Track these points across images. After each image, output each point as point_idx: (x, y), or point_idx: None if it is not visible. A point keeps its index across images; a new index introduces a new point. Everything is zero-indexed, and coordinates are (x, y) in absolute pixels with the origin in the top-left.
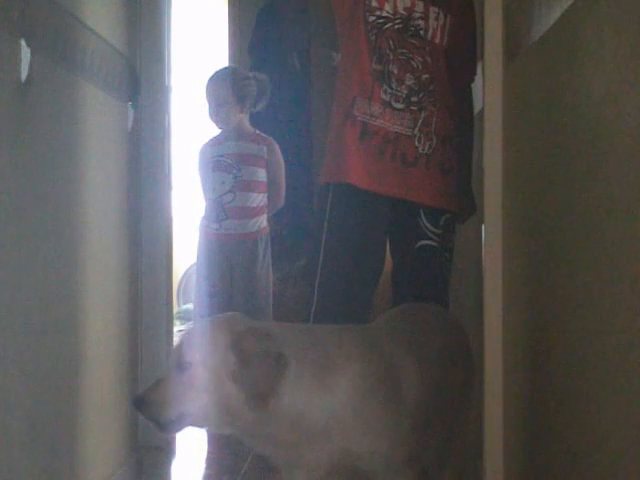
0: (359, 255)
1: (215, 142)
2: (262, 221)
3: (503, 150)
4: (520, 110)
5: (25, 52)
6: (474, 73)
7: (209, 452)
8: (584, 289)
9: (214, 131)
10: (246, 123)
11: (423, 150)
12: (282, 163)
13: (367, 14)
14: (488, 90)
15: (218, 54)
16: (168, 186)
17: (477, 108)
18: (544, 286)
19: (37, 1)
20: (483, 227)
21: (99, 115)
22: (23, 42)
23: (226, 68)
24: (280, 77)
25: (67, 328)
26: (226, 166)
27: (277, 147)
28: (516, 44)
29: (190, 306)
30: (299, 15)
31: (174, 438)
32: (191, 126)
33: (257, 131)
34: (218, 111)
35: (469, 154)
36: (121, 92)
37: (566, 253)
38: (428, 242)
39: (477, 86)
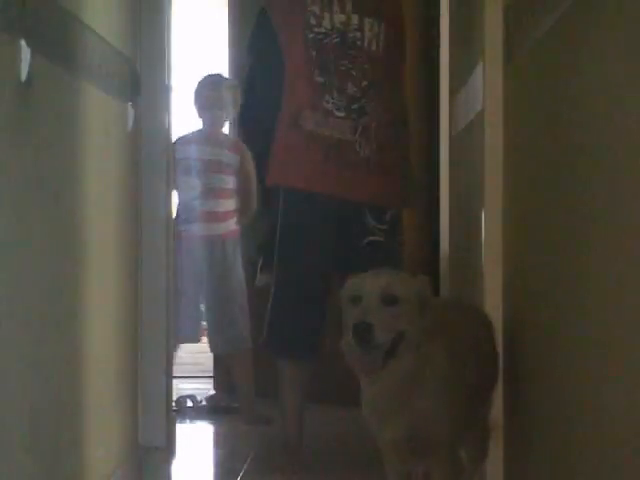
0: (312, 252)
1: (189, 141)
2: (231, 224)
3: (503, 149)
4: (520, 110)
5: (25, 52)
6: (403, 71)
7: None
8: (584, 289)
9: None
10: (224, 129)
11: (364, 154)
12: (254, 171)
13: (307, 31)
14: (488, 90)
15: (218, 54)
16: (168, 186)
17: (477, 108)
18: (544, 286)
19: (37, 1)
20: (483, 225)
21: (99, 115)
22: (23, 42)
23: (218, 75)
24: (280, 77)
25: (67, 328)
26: (197, 172)
27: (249, 155)
28: (516, 44)
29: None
30: None
31: (174, 438)
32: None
33: (231, 137)
34: (205, 114)
35: (406, 146)
36: (121, 92)
37: (566, 251)
38: (375, 238)
39: (477, 86)
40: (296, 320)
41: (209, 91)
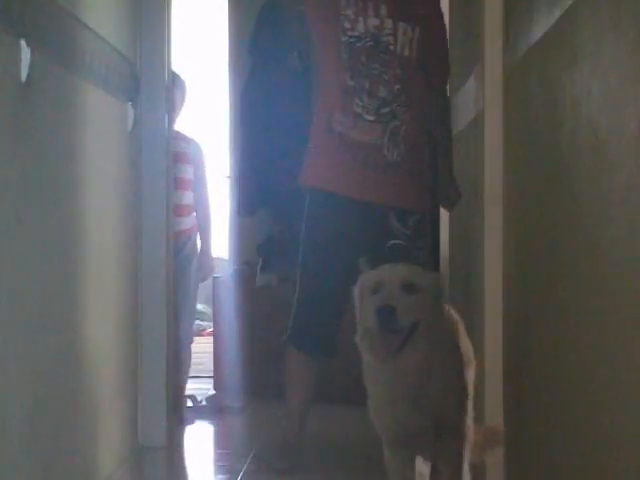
0: (335, 253)
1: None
2: (193, 219)
3: (503, 149)
4: (520, 110)
5: (25, 52)
6: (447, 73)
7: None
8: (585, 289)
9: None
10: None
11: (392, 158)
12: (205, 162)
13: (341, 35)
14: (488, 90)
15: (218, 54)
16: (168, 186)
17: (477, 108)
18: (544, 286)
19: (37, 1)
20: (483, 225)
21: (99, 115)
22: (23, 42)
23: (175, 73)
24: (280, 77)
25: (67, 328)
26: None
27: (201, 146)
28: (516, 44)
29: (200, 306)
30: (299, 15)
31: (174, 438)
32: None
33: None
34: (176, 112)
35: (447, 150)
36: (121, 92)
37: (566, 254)
38: (398, 241)
39: (477, 86)
40: (320, 318)
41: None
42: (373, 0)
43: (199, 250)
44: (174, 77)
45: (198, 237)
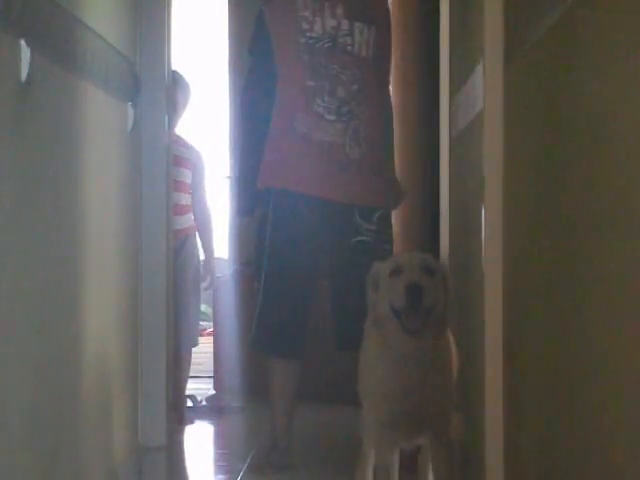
0: (301, 252)
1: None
2: (191, 219)
3: (503, 149)
4: (520, 110)
5: (25, 52)
6: (390, 72)
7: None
8: (585, 289)
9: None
10: None
11: (353, 156)
12: (205, 168)
13: (299, 36)
14: (488, 90)
15: (218, 54)
16: (168, 186)
17: (477, 108)
18: (545, 286)
19: (37, 1)
20: (483, 224)
21: (99, 115)
22: (23, 42)
23: (178, 73)
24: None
25: (67, 328)
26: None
27: (201, 153)
28: (516, 44)
29: (203, 307)
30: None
31: (174, 438)
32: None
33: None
34: (178, 114)
35: (391, 148)
36: (121, 92)
37: (566, 254)
38: (363, 238)
39: (477, 86)
40: (284, 320)
41: (181, 92)
42: (329, 0)
43: (202, 255)
44: (179, 79)
45: (198, 240)
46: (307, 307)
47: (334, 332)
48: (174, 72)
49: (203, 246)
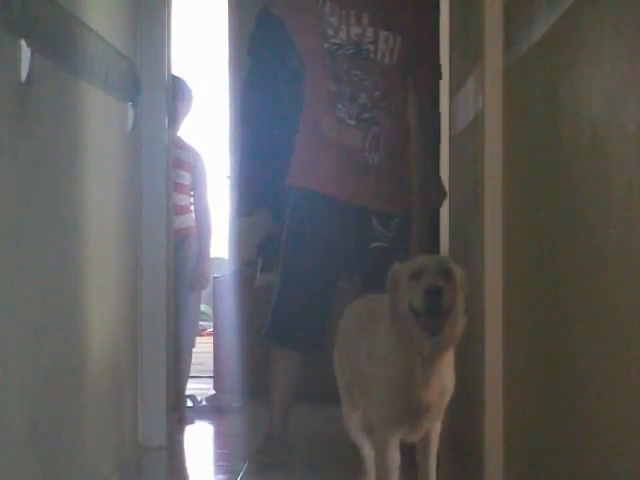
0: (317, 251)
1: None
2: (190, 219)
3: (503, 149)
4: (520, 110)
5: (25, 52)
6: (438, 77)
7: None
8: (585, 289)
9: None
10: None
11: (372, 161)
12: (205, 171)
13: (323, 42)
14: (488, 90)
15: (218, 54)
16: (168, 186)
17: (477, 108)
18: (545, 286)
19: (37, 1)
20: (483, 225)
21: (99, 115)
22: (23, 42)
23: (181, 79)
24: (280, 77)
25: (67, 328)
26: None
27: (200, 155)
28: (516, 44)
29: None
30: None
31: (174, 438)
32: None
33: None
34: (179, 120)
35: (431, 152)
36: (121, 92)
37: (566, 253)
38: (380, 244)
39: (477, 86)
40: (300, 314)
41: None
42: (356, 9)
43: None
44: (181, 85)
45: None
46: (326, 306)
47: None
48: (176, 78)
49: (199, 247)
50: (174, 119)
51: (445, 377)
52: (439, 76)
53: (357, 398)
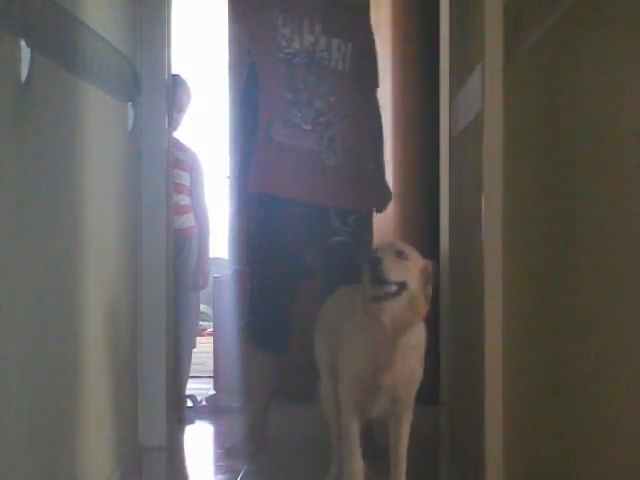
0: (283, 251)
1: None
2: (191, 219)
3: (503, 150)
4: (520, 110)
5: (25, 52)
6: (377, 84)
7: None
8: (585, 289)
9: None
10: None
11: (329, 163)
12: (203, 171)
13: (277, 52)
14: (488, 90)
15: (218, 54)
16: (168, 186)
17: (477, 108)
18: (545, 286)
19: (37, 1)
20: (483, 224)
21: (99, 115)
22: (23, 42)
23: (180, 76)
24: None
25: (67, 328)
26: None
27: (198, 155)
28: (516, 44)
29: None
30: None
31: (174, 438)
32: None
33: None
34: (177, 117)
35: (380, 154)
36: (121, 92)
37: (566, 254)
38: (339, 238)
39: (477, 86)
40: (267, 318)
41: (179, 93)
42: (308, 18)
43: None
44: (180, 82)
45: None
46: (291, 303)
47: None
48: (175, 76)
49: (199, 247)
50: (172, 117)
51: (411, 362)
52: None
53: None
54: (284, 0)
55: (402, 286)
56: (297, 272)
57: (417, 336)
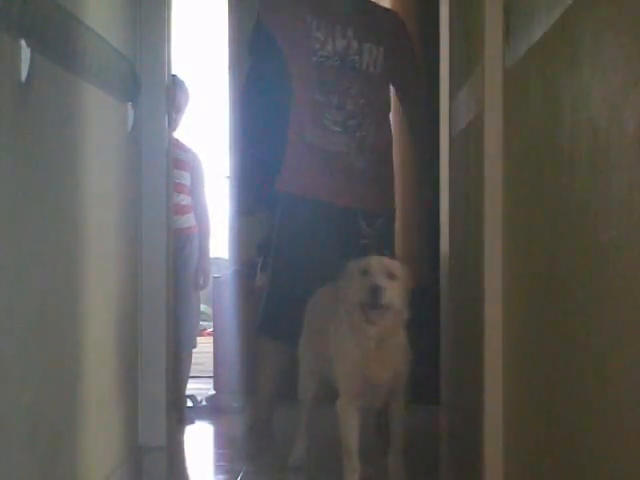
0: (307, 251)
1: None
2: (192, 219)
3: (503, 150)
4: (520, 110)
5: (25, 52)
6: (420, 85)
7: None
8: (586, 290)
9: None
10: None
11: (358, 165)
12: (203, 171)
13: (311, 55)
14: (488, 91)
15: (218, 54)
16: (168, 186)
17: (477, 109)
18: (545, 287)
19: (37, 1)
20: (483, 225)
21: (99, 115)
22: (23, 42)
23: (177, 76)
24: (280, 78)
25: (67, 327)
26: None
27: (198, 155)
28: (516, 44)
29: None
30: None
31: (174, 438)
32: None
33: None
34: (176, 117)
35: (427, 158)
36: (121, 92)
37: (566, 254)
38: (366, 241)
39: (477, 87)
40: (286, 308)
41: (177, 94)
42: (341, 24)
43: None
44: (178, 83)
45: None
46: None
47: None
48: (173, 76)
49: (200, 246)
50: (172, 117)
51: (397, 359)
52: (424, 90)
53: (317, 375)
54: (317, 6)
55: (392, 305)
56: (320, 272)
57: (399, 336)
